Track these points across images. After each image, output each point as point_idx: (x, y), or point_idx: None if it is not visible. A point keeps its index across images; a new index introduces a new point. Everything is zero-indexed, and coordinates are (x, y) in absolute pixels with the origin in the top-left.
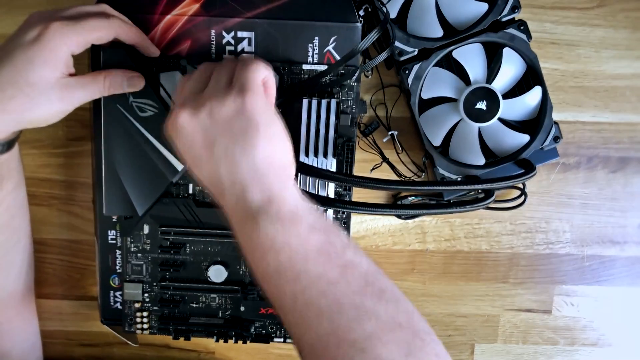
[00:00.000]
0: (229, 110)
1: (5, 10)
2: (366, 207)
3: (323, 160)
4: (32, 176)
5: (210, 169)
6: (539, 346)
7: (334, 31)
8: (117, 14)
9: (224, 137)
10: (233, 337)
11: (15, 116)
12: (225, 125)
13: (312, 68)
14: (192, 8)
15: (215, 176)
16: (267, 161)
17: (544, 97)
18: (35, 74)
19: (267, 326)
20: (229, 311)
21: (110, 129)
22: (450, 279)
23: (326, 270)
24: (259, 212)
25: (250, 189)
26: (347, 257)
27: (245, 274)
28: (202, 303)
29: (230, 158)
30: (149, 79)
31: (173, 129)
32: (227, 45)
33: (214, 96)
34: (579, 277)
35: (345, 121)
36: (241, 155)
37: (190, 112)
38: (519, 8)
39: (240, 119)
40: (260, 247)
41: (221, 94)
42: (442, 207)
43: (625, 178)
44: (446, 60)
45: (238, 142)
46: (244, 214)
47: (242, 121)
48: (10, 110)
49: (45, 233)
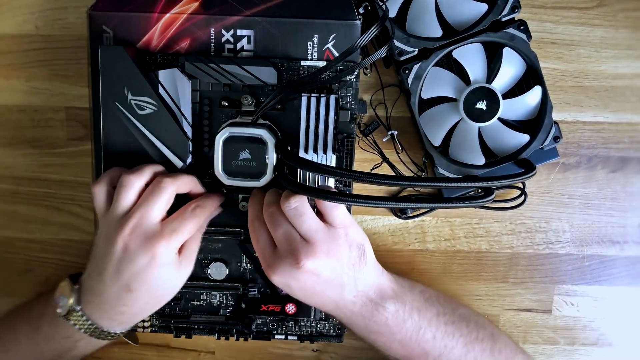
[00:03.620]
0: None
1: (5, 10)
2: (365, 200)
3: (323, 156)
4: (32, 176)
5: (336, 297)
6: (539, 346)
7: (333, 29)
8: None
9: (346, 271)
10: (234, 334)
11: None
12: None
13: (311, 64)
14: (191, 6)
15: (341, 299)
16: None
17: (544, 97)
18: (166, 290)
19: (268, 323)
20: (230, 308)
21: (109, 127)
22: (450, 279)
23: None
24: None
25: (375, 288)
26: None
27: (245, 271)
28: (203, 301)
29: (356, 280)
30: (147, 77)
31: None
32: (226, 43)
33: (307, 254)
34: (579, 277)
35: (344, 117)
36: (361, 273)
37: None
38: (519, 8)
39: (350, 250)
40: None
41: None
42: (442, 202)
43: (625, 178)
44: (446, 60)
45: (357, 267)
46: (368, 308)
47: (354, 250)
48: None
49: (45, 233)
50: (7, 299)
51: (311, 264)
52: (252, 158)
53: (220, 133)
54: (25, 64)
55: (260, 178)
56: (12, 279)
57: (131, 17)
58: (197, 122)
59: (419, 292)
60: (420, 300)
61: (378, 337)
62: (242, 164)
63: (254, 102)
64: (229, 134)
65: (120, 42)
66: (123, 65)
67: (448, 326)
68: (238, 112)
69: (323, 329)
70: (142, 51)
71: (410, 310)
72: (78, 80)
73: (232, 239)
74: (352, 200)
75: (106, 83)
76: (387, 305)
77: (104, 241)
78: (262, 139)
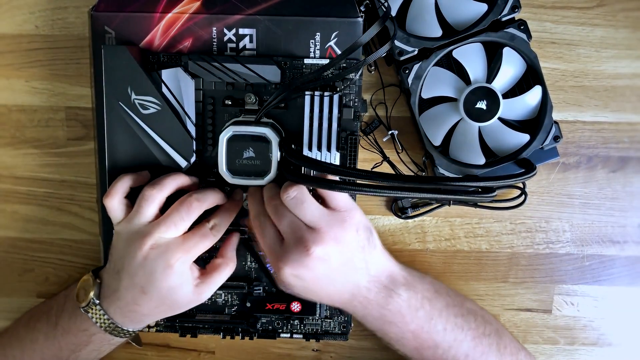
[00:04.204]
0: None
1: (5, 10)
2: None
3: (327, 154)
4: (32, 176)
5: (350, 284)
6: (539, 346)
7: (335, 27)
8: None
9: (356, 254)
10: (240, 333)
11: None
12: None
13: (314, 62)
14: (193, 6)
15: (356, 286)
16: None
17: (544, 97)
18: (175, 298)
19: (273, 322)
20: (235, 307)
21: (113, 127)
22: (450, 279)
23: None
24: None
25: (388, 274)
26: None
27: (250, 270)
28: (208, 300)
29: (367, 263)
30: (151, 77)
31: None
32: (228, 42)
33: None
34: (579, 277)
35: (348, 115)
36: (371, 256)
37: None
38: (519, 8)
39: (358, 233)
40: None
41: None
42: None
43: (625, 178)
44: (446, 59)
45: (366, 249)
46: (383, 295)
47: (361, 233)
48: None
49: (45, 233)
50: (7, 299)
51: (320, 250)
52: (256, 156)
53: (224, 132)
54: (25, 64)
55: (265, 176)
56: (12, 279)
57: (133, 17)
58: (200, 121)
59: (429, 282)
60: (430, 290)
61: (391, 327)
62: (246, 163)
63: (257, 100)
64: (232, 133)
65: (122, 42)
66: (126, 65)
67: (458, 318)
68: (241, 110)
69: (328, 327)
70: (145, 51)
71: (422, 299)
72: (78, 80)
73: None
74: (353, 188)
75: (110, 83)
76: (401, 292)
77: (123, 246)
78: (266, 138)
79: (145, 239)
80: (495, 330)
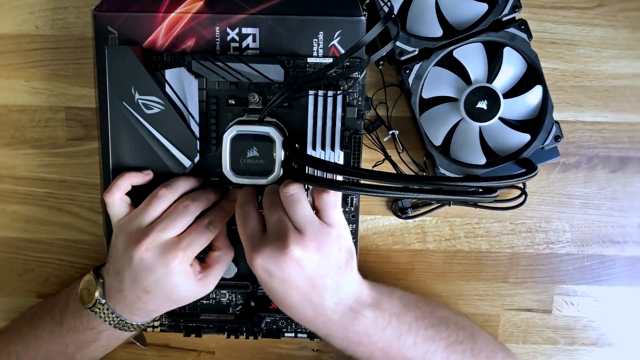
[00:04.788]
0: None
1: (5, 10)
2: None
3: (330, 153)
4: (32, 176)
5: (316, 300)
6: (539, 346)
7: (338, 25)
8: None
9: (331, 272)
10: (244, 332)
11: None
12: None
13: (317, 61)
14: (195, 5)
15: (321, 305)
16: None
17: (545, 97)
18: (180, 294)
19: (277, 321)
20: (239, 307)
21: (117, 127)
22: (450, 279)
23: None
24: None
25: (355, 297)
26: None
27: None
28: (212, 299)
29: (338, 286)
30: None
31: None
32: (231, 42)
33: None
34: (579, 277)
35: (351, 114)
36: (344, 279)
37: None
38: (520, 7)
39: (340, 252)
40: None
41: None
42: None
43: (625, 178)
44: (447, 59)
45: (342, 271)
46: (348, 317)
47: (342, 254)
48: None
49: (45, 233)
50: (7, 299)
51: (298, 252)
52: (259, 156)
53: (228, 131)
54: (25, 64)
55: (268, 176)
56: (12, 279)
57: (136, 17)
58: (204, 121)
59: (397, 297)
60: (398, 306)
61: (359, 347)
62: (250, 162)
63: (260, 99)
64: (236, 132)
65: (125, 43)
66: (130, 65)
67: (428, 330)
68: (245, 110)
69: None
70: (148, 51)
71: (390, 316)
72: (78, 81)
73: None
74: (355, 189)
75: (113, 83)
76: (366, 313)
77: (122, 246)
78: (270, 137)
79: (144, 241)
80: (470, 335)
